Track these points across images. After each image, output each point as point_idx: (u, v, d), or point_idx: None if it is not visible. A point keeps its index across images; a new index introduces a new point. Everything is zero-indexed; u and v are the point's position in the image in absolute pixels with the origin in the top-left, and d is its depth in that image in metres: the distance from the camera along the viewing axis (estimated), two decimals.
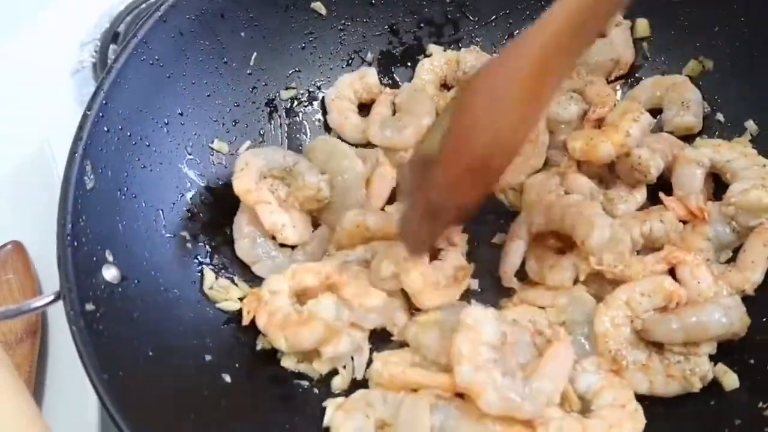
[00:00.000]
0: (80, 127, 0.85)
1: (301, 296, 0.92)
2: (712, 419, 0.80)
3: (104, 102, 0.87)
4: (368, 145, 1.10)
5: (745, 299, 0.86)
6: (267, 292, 0.90)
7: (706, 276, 0.87)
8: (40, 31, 1.38)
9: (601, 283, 0.91)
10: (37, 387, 1.00)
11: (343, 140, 1.10)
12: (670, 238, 0.92)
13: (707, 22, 1.02)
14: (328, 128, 1.14)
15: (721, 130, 1.01)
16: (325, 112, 1.13)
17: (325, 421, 0.85)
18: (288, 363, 0.91)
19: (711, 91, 1.03)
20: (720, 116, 1.02)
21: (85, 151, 0.84)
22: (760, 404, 0.77)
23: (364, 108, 1.14)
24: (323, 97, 1.14)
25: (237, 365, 0.89)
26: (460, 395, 0.83)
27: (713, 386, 0.82)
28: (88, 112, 0.86)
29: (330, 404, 0.87)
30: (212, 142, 1.04)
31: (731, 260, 0.92)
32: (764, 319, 0.85)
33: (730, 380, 0.82)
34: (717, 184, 0.97)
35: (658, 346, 0.86)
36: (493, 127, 0.72)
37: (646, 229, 0.93)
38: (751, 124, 0.98)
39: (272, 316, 0.88)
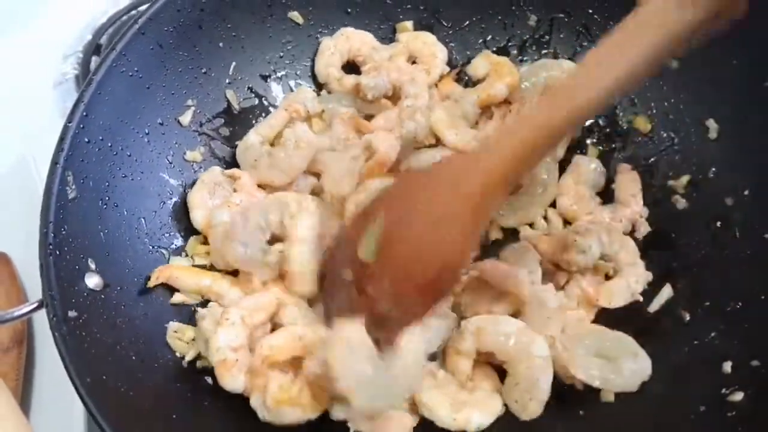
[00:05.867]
0: (61, 139, 0.87)
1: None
2: (678, 406, 0.82)
3: (85, 114, 0.89)
4: None
5: None
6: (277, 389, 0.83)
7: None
8: (22, 43, 1.40)
9: None
10: (24, 395, 1.02)
11: None
12: None
13: None
14: None
15: (683, 128, 1.04)
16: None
17: None
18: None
19: (673, 89, 1.06)
20: (683, 116, 1.05)
21: (67, 162, 0.86)
22: (723, 390, 0.80)
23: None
24: None
25: None
26: None
27: (678, 374, 0.85)
28: (69, 124, 0.88)
29: None
30: (185, 153, 1.05)
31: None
32: (728, 309, 0.88)
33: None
34: None
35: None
36: (438, 248, 0.68)
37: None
38: (711, 123, 1.01)
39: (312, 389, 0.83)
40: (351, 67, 1.16)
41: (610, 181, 1.06)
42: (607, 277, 0.97)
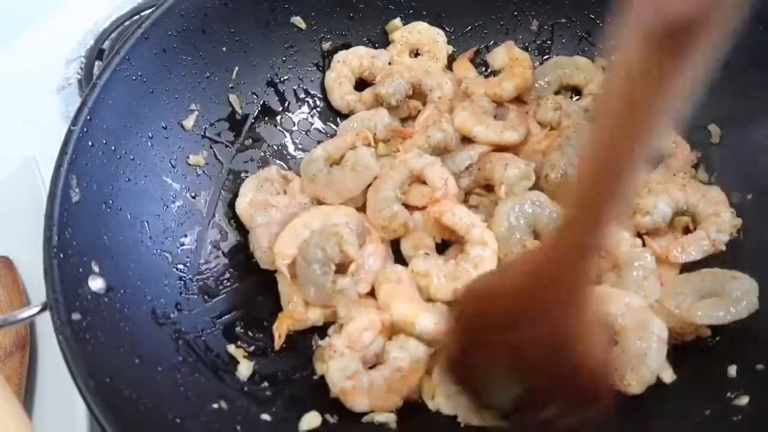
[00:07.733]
0: (65, 143, 0.87)
1: None
2: (683, 410, 0.82)
3: (88, 118, 0.90)
4: None
5: None
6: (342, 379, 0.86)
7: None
8: (26, 48, 1.40)
9: None
10: (26, 400, 1.01)
11: None
12: None
13: None
14: None
15: (685, 132, 1.04)
16: None
17: None
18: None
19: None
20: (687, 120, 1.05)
21: (71, 166, 0.86)
22: (729, 394, 0.80)
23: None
24: None
25: None
26: None
27: (683, 378, 0.85)
28: (73, 128, 0.88)
29: None
30: (188, 157, 1.05)
31: None
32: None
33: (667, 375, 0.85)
34: None
35: None
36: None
37: None
38: (714, 128, 1.01)
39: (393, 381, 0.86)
40: (366, 85, 1.16)
41: None
42: (688, 232, 0.96)
